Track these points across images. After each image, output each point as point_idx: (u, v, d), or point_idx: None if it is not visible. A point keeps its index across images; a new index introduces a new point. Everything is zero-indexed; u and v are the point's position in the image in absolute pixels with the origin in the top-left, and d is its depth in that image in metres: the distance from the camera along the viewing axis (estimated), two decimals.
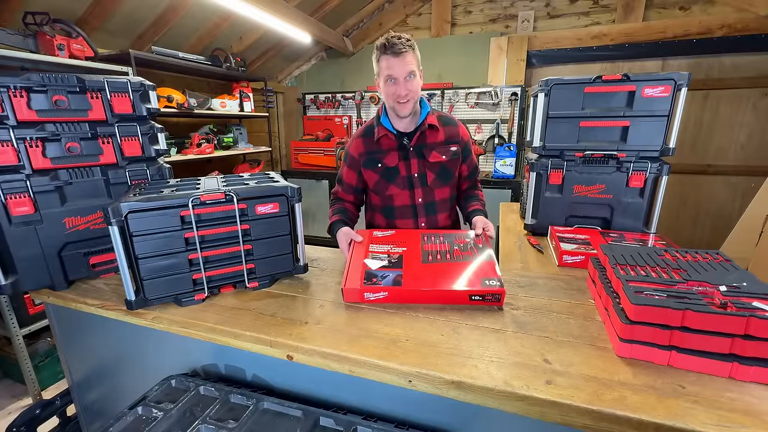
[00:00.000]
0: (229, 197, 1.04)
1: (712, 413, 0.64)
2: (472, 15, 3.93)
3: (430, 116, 1.36)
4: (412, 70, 1.23)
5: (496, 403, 0.73)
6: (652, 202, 1.59)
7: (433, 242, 1.20)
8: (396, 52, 1.20)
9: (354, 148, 1.44)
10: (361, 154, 1.42)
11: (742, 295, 0.78)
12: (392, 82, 1.24)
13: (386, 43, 1.21)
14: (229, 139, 3.53)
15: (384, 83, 1.26)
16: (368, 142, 1.40)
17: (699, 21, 3.18)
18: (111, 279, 1.23)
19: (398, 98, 1.25)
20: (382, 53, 1.23)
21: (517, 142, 3.66)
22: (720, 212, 3.52)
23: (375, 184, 1.41)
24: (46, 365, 2.20)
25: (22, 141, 1.04)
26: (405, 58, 1.21)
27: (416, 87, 1.27)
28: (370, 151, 1.40)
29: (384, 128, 1.36)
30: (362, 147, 1.41)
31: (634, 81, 1.51)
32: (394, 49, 1.20)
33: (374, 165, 1.39)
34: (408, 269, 1.08)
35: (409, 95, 1.26)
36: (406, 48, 1.21)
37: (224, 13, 3.09)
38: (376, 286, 1.02)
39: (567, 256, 1.37)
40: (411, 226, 1.42)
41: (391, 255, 1.15)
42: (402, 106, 1.27)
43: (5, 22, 2.15)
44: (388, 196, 1.41)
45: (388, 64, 1.22)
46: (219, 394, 0.91)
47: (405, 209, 1.41)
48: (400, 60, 1.21)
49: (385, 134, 1.36)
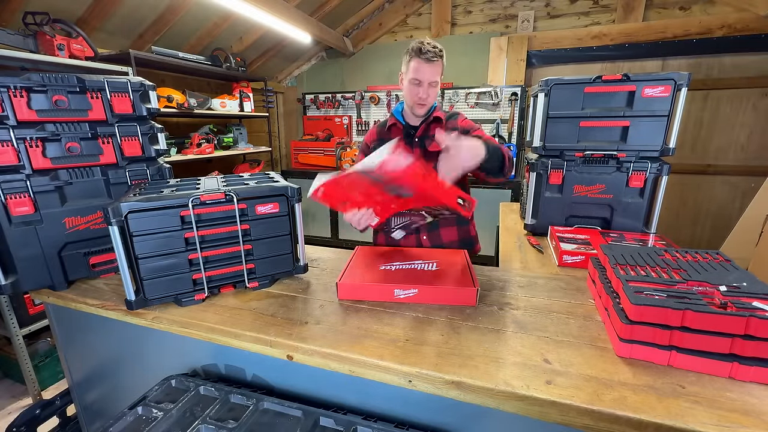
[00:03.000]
0: (229, 197, 1.04)
1: (712, 413, 0.64)
2: (472, 15, 3.93)
3: (437, 111, 1.47)
4: (436, 80, 1.35)
5: (496, 403, 0.73)
6: (652, 202, 1.59)
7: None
8: (428, 58, 1.30)
9: (368, 136, 1.59)
10: (372, 141, 1.56)
11: (742, 295, 0.78)
12: (417, 84, 1.35)
13: (421, 47, 1.30)
14: (229, 139, 3.53)
15: (409, 83, 1.37)
16: (380, 131, 1.56)
17: (699, 21, 3.18)
18: (111, 279, 1.23)
19: (419, 100, 1.37)
20: (415, 56, 1.32)
21: (517, 142, 3.67)
22: (720, 212, 3.52)
23: None
24: (46, 365, 2.21)
25: (22, 141, 1.04)
26: (434, 66, 1.33)
27: (435, 93, 1.39)
28: (381, 139, 1.53)
29: (394, 118, 1.50)
30: (375, 135, 1.57)
31: (634, 81, 1.51)
32: (427, 55, 1.30)
33: None
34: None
35: (428, 99, 1.38)
36: (437, 58, 1.32)
37: (224, 13, 3.09)
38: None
39: (567, 256, 1.37)
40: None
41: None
42: (420, 107, 1.40)
43: (5, 22, 2.15)
44: None
45: (418, 67, 1.32)
46: (219, 394, 0.91)
47: None
48: (430, 67, 1.32)
49: (394, 123, 1.50)
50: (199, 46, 3.37)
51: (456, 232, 1.56)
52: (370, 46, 4.36)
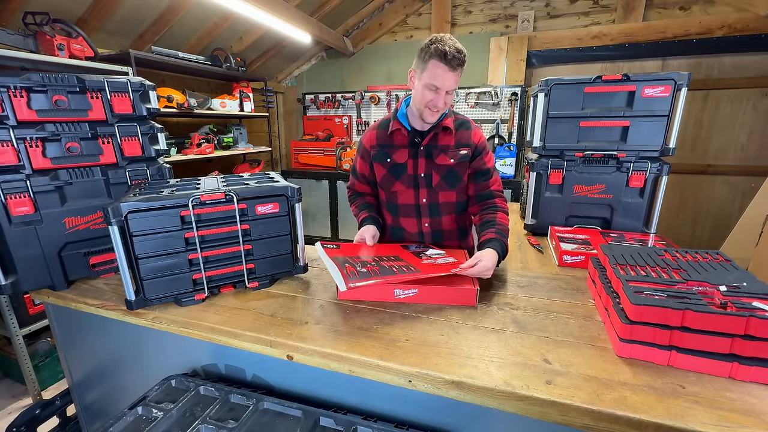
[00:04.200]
0: (229, 197, 1.04)
1: (712, 413, 0.64)
2: (472, 15, 3.93)
3: (447, 119, 1.32)
4: (455, 88, 1.21)
5: (496, 403, 0.73)
6: (652, 202, 1.59)
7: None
8: (453, 66, 1.15)
9: (367, 139, 1.43)
10: (372, 147, 1.41)
11: (742, 295, 0.78)
12: (434, 90, 1.19)
13: (447, 51, 1.13)
14: (229, 139, 3.53)
15: (423, 86, 1.20)
16: (381, 135, 1.39)
17: (699, 21, 3.18)
18: (111, 279, 1.23)
19: (433, 107, 1.22)
20: (438, 58, 1.14)
21: (517, 142, 3.66)
22: (720, 212, 3.52)
23: (382, 179, 1.41)
24: (46, 365, 2.20)
25: (22, 141, 1.04)
26: (457, 75, 1.18)
27: (450, 101, 1.25)
28: (381, 145, 1.39)
29: (399, 123, 1.34)
30: (375, 140, 1.41)
31: (634, 81, 1.52)
32: (453, 62, 1.13)
33: (383, 159, 1.38)
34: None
35: (443, 108, 1.24)
36: (462, 64, 1.17)
37: (224, 13, 3.09)
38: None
39: (567, 256, 1.37)
40: (414, 225, 1.41)
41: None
42: (432, 114, 1.25)
43: (5, 22, 2.15)
44: (393, 193, 1.40)
45: (439, 73, 1.16)
46: (219, 394, 0.91)
47: (409, 208, 1.40)
48: (452, 75, 1.16)
49: (399, 129, 1.35)
50: (199, 46, 3.36)
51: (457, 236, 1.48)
52: (370, 46, 4.36)
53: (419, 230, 1.41)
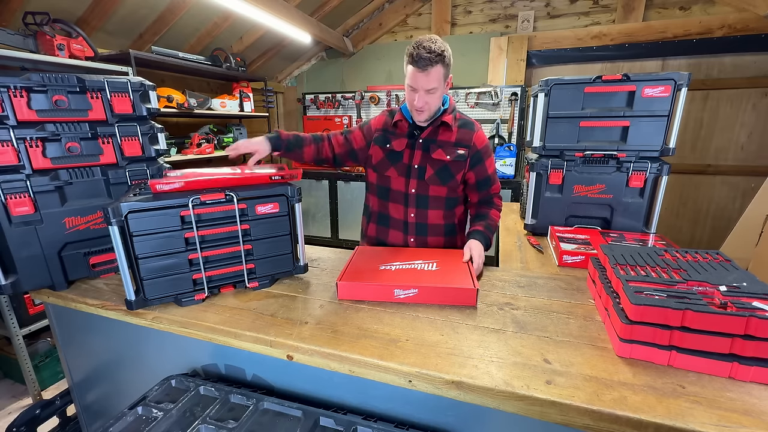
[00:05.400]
0: (229, 197, 1.04)
1: (712, 413, 0.64)
2: (472, 15, 3.93)
3: (447, 115, 1.35)
4: (433, 86, 1.21)
5: (496, 403, 0.73)
6: (652, 202, 1.59)
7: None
8: (421, 66, 1.17)
9: (375, 121, 1.51)
10: (377, 129, 1.48)
11: (742, 295, 0.78)
12: (412, 90, 1.25)
13: (414, 53, 1.17)
14: (229, 139, 3.53)
15: (406, 87, 1.27)
16: (388, 122, 1.47)
17: (699, 21, 3.18)
18: (111, 279, 1.23)
19: (413, 107, 1.28)
20: (408, 60, 1.20)
21: (517, 142, 3.66)
22: (720, 212, 3.52)
23: (378, 162, 1.44)
24: (46, 365, 2.20)
25: (22, 141, 1.04)
26: (429, 74, 1.18)
27: (435, 100, 1.26)
28: (385, 130, 1.46)
29: (402, 114, 1.41)
30: (381, 123, 1.48)
31: (634, 81, 1.52)
32: (420, 63, 1.16)
33: (383, 144, 1.43)
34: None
35: (425, 107, 1.26)
36: (433, 63, 1.17)
37: (224, 13, 3.09)
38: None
39: (567, 256, 1.37)
40: (401, 213, 1.43)
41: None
42: (418, 113, 1.30)
43: (5, 22, 2.15)
44: (386, 177, 1.43)
45: (412, 74, 1.21)
46: (219, 394, 0.91)
47: (398, 195, 1.43)
48: (424, 75, 1.19)
49: (401, 119, 1.41)
50: (199, 46, 3.36)
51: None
52: (370, 46, 4.36)
53: (405, 219, 1.43)
